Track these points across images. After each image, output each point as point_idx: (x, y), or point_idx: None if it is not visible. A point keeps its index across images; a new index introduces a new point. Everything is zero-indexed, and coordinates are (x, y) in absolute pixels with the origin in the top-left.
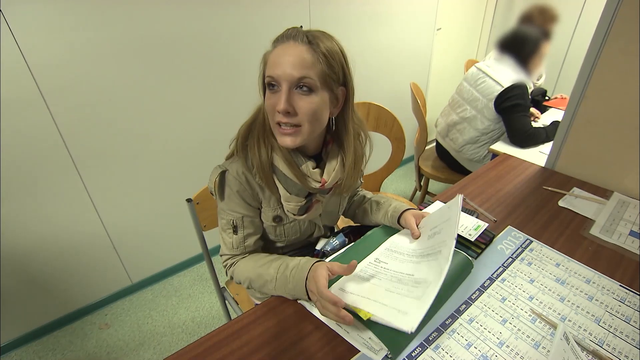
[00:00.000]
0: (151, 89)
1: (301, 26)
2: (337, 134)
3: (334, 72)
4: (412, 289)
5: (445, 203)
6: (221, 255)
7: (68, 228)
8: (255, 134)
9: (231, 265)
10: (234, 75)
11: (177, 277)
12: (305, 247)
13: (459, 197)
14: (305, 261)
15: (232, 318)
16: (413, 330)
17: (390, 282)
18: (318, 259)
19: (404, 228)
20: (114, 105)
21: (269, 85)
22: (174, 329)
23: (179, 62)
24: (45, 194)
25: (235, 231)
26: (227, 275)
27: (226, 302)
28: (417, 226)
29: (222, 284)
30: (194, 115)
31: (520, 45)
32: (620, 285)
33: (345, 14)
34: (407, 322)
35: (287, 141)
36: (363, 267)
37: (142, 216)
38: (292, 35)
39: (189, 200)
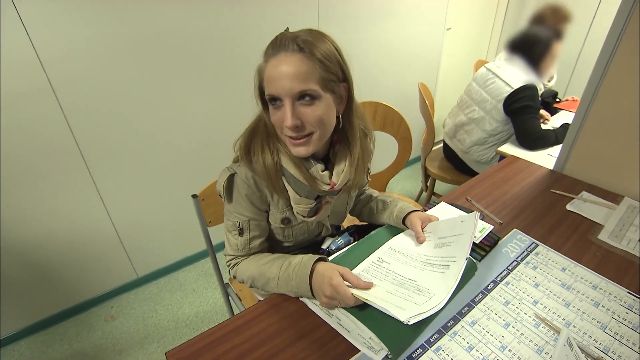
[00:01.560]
0: (160, 86)
1: (287, 28)
2: (342, 131)
3: (333, 74)
4: (414, 295)
5: (450, 205)
6: (225, 255)
7: (76, 221)
8: (259, 140)
9: (234, 265)
10: (242, 73)
11: (182, 272)
12: (311, 246)
13: (476, 215)
14: (307, 258)
15: (235, 314)
16: (408, 322)
17: (392, 284)
18: (320, 256)
19: (408, 229)
20: (123, 101)
21: (270, 101)
22: (178, 323)
23: (189, 59)
24: (54, 187)
25: (241, 233)
26: (230, 274)
27: (229, 297)
28: (422, 229)
29: (225, 280)
30: (202, 112)
31: (531, 45)
32: (628, 292)
33: (354, 13)
34: (403, 314)
35: (301, 151)
36: (365, 266)
37: (148, 211)
38: (282, 45)
39: (194, 196)
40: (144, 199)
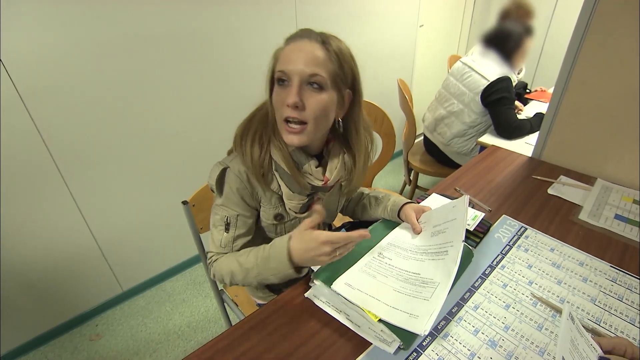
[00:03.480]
0: (141, 87)
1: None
2: (344, 136)
3: (344, 73)
4: (420, 289)
5: (441, 195)
6: (207, 252)
7: (52, 236)
8: (252, 132)
9: (214, 261)
10: (225, 74)
11: (169, 282)
12: None
13: (465, 198)
14: (280, 237)
15: (231, 320)
16: (426, 333)
17: (397, 281)
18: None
19: (404, 221)
20: (99, 105)
21: (278, 80)
22: (169, 336)
23: (170, 60)
24: (27, 200)
25: (227, 229)
26: (209, 273)
27: (225, 304)
28: (417, 220)
29: (220, 286)
30: (187, 114)
31: (504, 40)
32: (610, 266)
33: (331, 12)
34: (419, 325)
35: (293, 139)
36: (367, 261)
37: (131, 221)
38: (306, 34)
39: (184, 203)
40: (126, 209)
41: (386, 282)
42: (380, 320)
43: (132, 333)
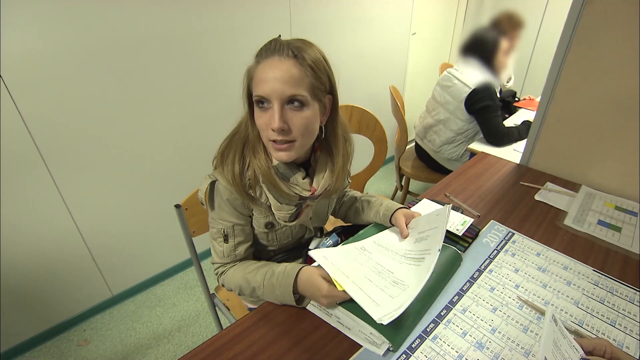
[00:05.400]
0: (134, 90)
1: (279, 35)
2: (325, 140)
3: (322, 83)
4: (389, 286)
5: (432, 201)
6: (213, 263)
7: (40, 238)
8: (232, 150)
9: (222, 273)
10: (218, 78)
11: (160, 286)
12: (296, 249)
13: (447, 208)
14: (290, 267)
15: (222, 324)
16: (383, 322)
17: (370, 270)
18: (303, 264)
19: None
20: (91, 108)
21: (257, 102)
22: (159, 341)
23: (164, 63)
24: (15, 201)
25: (226, 240)
26: (218, 282)
27: (216, 308)
28: (406, 226)
29: (211, 291)
30: (175, 117)
31: (480, 46)
32: (593, 270)
33: (325, 19)
34: (378, 312)
35: (282, 156)
36: (347, 248)
37: (122, 223)
38: (276, 49)
39: (177, 206)
40: (117, 211)
41: (360, 268)
42: (369, 322)
43: (122, 338)
